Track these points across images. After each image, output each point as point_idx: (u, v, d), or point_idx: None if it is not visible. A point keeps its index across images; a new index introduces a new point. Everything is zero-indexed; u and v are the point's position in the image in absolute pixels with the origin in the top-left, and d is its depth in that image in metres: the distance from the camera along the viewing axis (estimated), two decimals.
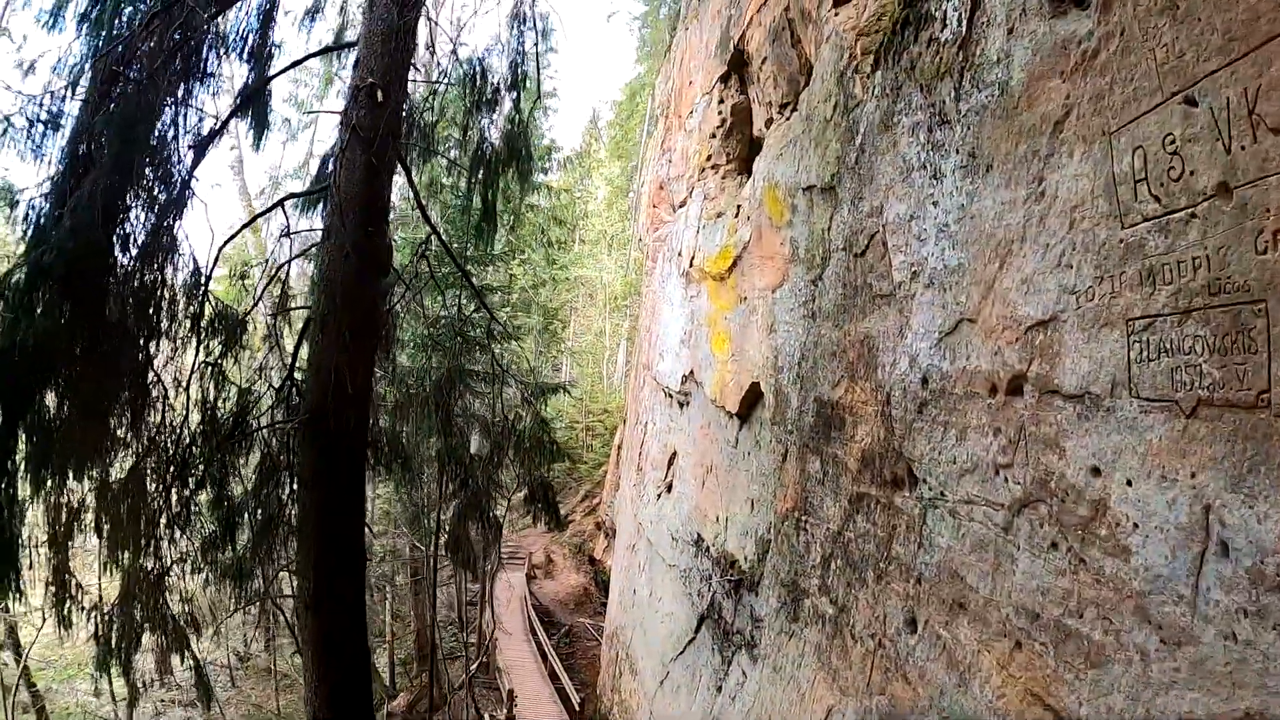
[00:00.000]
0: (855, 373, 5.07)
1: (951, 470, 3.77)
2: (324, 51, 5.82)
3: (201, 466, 6.06)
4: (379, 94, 4.78)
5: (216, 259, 5.65)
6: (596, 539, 25.09)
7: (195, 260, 5.69)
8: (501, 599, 22.93)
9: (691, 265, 10.55)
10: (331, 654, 5.07)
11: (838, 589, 5.06)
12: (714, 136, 10.71)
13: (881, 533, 4.51)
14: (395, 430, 7.26)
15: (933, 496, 3.95)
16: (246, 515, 6.52)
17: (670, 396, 11.23)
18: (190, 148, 5.56)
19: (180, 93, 5.32)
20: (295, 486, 5.88)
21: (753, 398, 7.62)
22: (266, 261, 5.88)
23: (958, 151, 3.91)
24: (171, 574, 6.53)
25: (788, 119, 7.52)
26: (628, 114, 33.09)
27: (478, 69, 6.57)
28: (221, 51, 5.71)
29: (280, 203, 5.57)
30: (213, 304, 5.91)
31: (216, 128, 5.64)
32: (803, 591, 5.65)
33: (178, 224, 5.52)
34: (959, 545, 3.71)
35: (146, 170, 5.20)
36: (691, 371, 9.92)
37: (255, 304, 5.88)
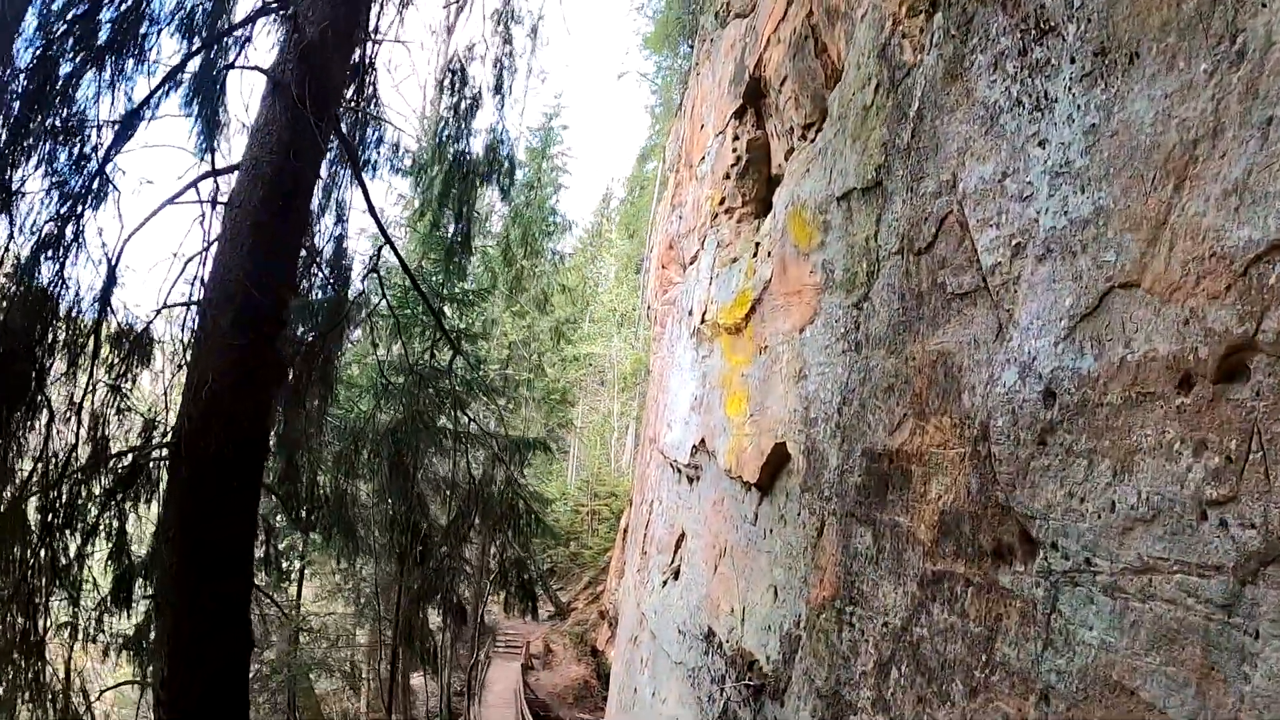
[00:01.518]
0: (925, 407, 3.74)
1: (1107, 524, 2.39)
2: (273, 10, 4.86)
3: (94, 510, 4.76)
4: (297, 26, 3.75)
5: (119, 257, 4.52)
6: (600, 628, 22.96)
7: (109, 257, 4.58)
8: (494, 691, 20.76)
9: (703, 321, 9.39)
10: None
11: (903, 706, 3.56)
12: (728, 177, 9.77)
13: (976, 627, 3.07)
14: (338, 488, 5.91)
15: (1070, 569, 2.55)
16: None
17: (679, 471, 9.85)
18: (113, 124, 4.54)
19: (110, 62, 4.34)
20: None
21: (776, 463, 6.26)
22: (175, 255, 4.78)
23: (1073, 59, 2.74)
24: (57, 640, 5.19)
25: (812, 141, 6.51)
26: (638, 186, 32.80)
27: (458, 68, 5.58)
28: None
29: (195, 183, 4.48)
30: (119, 311, 4.74)
31: (150, 94, 4.61)
32: (848, 706, 4.13)
33: (89, 215, 4.45)
34: (1124, 640, 2.29)
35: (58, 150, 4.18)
36: (703, 440, 8.58)
37: (160, 310, 4.69)
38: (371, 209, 5.43)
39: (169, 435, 4.42)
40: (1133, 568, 2.28)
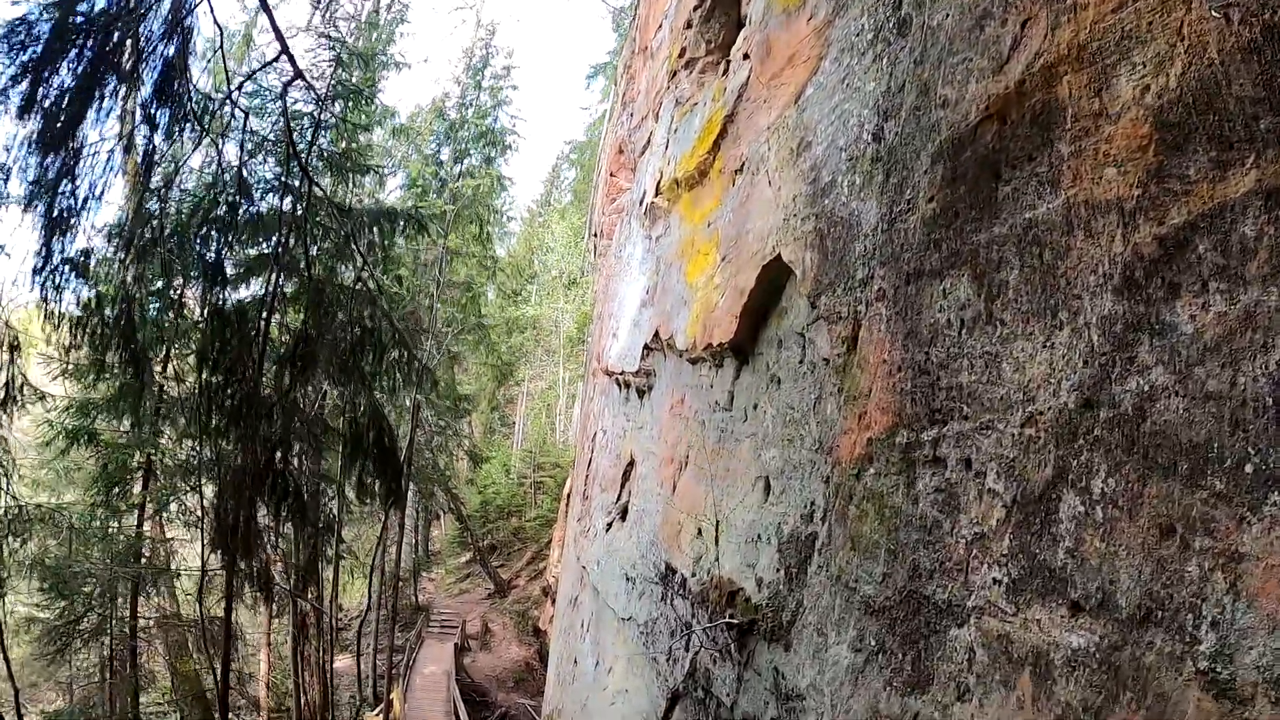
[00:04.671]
0: None
1: None
2: None
3: None
4: None
5: None
6: (543, 607, 20.72)
7: None
8: (424, 674, 18.37)
9: (658, 193, 7.49)
10: None
11: (1112, 571, 1.62)
12: (689, 25, 7.92)
13: None
14: (122, 285, 3.74)
15: None
16: None
17: (626, 387, 7.91)
18: None
19: None
20: None
21: (764, 296, 4.36)
22: None
23: None
24: None
25: None
26: (587, 152, 30.43)
27: None
28: None
29: None
30: None
31: None
32: (941, 611, 2.17)
33: None
34: None
35: None
36: (656, 333, 6.66)
37: None
38: None
39: None
40: None
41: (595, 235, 13.08)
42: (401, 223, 5.51)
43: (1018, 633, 1.85)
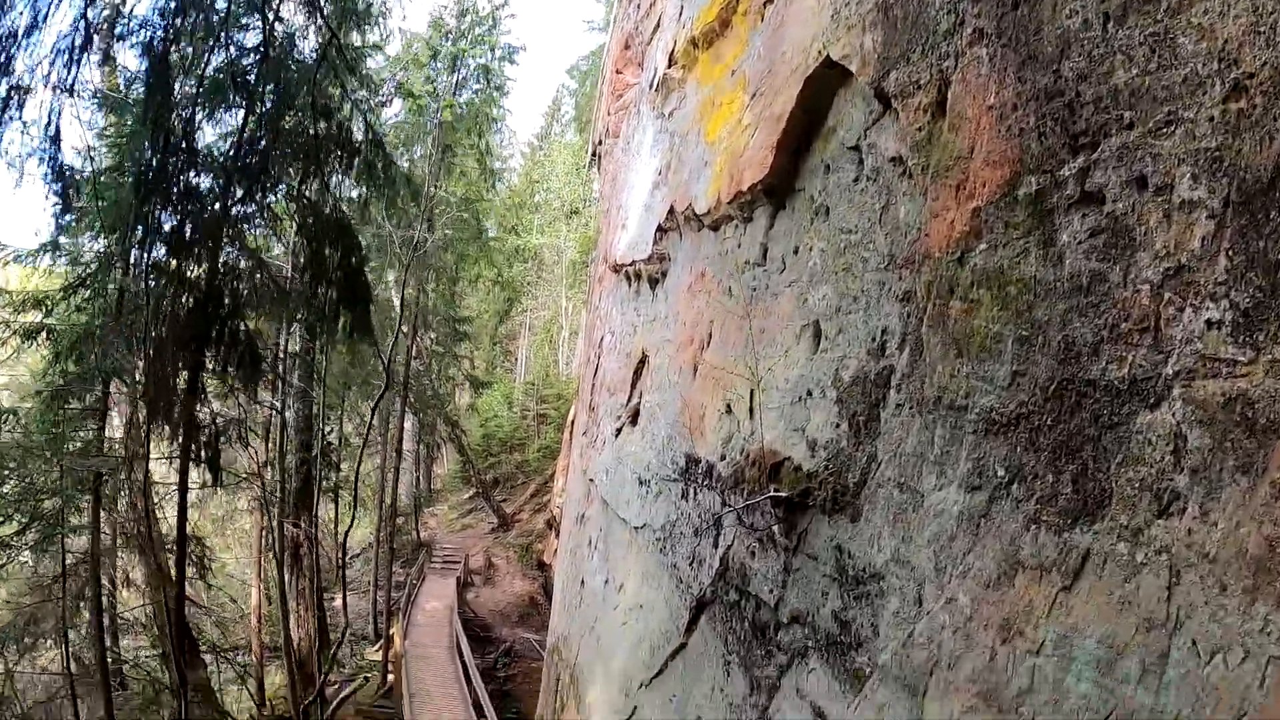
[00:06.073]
0: None
1: None
2: None
3: None
4: None
5: None
6: (547, 540, 20.40)
7: None
8: (425, 610, 18.16)
9: (672, 62, 6.74)
10: None
11: None
12: None
13: None
14: None
15: None
16: None
17: (637, 279, 7.27)
18: None
19: None
20: None
21: (804, 122, 3.71)
22: None
23: None
24: None
25: None
26: (589, 84, 29.14)
27: None
28: None
29: None
30: None
31: None
32: (1122, 397, 1.54)
33: None
34: None
35: None
36: (672, 208, 6.00)
37: None
38: None
39: None
40: None
41: (599, 141, 12.28)
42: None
43: (1261, 385, 1.24)
